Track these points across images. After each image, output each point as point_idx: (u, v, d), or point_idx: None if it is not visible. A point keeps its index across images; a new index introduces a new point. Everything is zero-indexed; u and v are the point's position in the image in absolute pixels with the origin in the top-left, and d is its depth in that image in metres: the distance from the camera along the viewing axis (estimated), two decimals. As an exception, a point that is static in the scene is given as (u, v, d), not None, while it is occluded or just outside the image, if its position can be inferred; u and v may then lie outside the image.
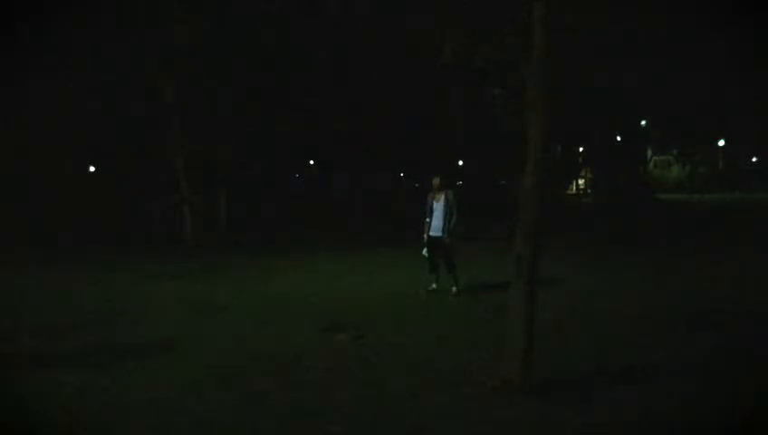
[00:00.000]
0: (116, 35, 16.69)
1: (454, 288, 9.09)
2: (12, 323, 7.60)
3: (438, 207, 9.16)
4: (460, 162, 34.47)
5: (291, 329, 7.15)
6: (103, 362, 5.88)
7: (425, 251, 9.32)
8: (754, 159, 48.11)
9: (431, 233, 9.21)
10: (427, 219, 9.26)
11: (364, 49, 21.03)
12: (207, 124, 19.39)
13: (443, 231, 9.07)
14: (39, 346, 6.48)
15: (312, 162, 33.33)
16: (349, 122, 23.29)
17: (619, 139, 31.54)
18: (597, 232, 18.89)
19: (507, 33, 6.29)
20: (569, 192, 43.03)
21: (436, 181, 9.30)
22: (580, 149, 37.93)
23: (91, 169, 26.94)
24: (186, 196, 18.22)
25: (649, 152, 37.51)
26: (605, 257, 13.36)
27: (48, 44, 16.71)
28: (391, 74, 22.41)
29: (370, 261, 13.19)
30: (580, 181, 46.62)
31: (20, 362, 5.93)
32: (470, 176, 33.92)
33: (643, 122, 32.83)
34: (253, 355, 6.06)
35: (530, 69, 5.24)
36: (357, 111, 23.42)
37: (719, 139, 41.50)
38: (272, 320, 7.68)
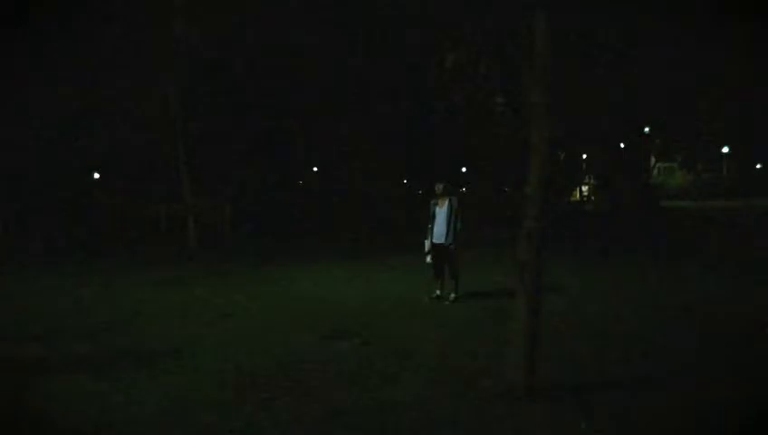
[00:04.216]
0: (118, 36, 16.79)
1: (452, 295, 9.11)
2: (19, 328, 7.67)
3: (441, 213, 9.14)
4: (463, 169, 34.52)
5: (294, 335, 7.19)
6: (113, 369, 5.91)
7: (429, 259, 9.32)
8: (758, 166, 48.02)
9: (434, 240, 9.20)
10: (429, 226, 9.28)
11: (365, 52, 21.09)
12: (211, 131, 19.49)
13: (446, 238, 9.06)
14: (46, 352, 6.54)
15: (314, 169, 33.40)
16: (349, 127, 23.37)
17: (621, 145, 31.54)
18: (598, 238, 18.88)
19: (508, 43, 6.34)
20: (572, 199, 43.03)
21: (438, 188, 9.28)
22: (584, 156, 37.94)
23: (96, 175, 27.06)
24: (189, 203, 18.32)
25: (653, 159, 37.47)
26: (605, 263, 13.38)
27: (51, 48, 16.78)
28: (393, 80, 22.48)
29: (372, 267, 13.21)
30: (583, 188, 46.62)
31: (28, 368, 5.98)
32: (472, 182, 33.98)
33: (646, 129, 32.79)
34: (258, 362, 6.10)
35: (531, 77, 5.28)
36: (358, 116, 23.50)
37: (722, 146, 41.48)
38: (275, 326, 7.71)
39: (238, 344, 6.80)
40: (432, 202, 9.34)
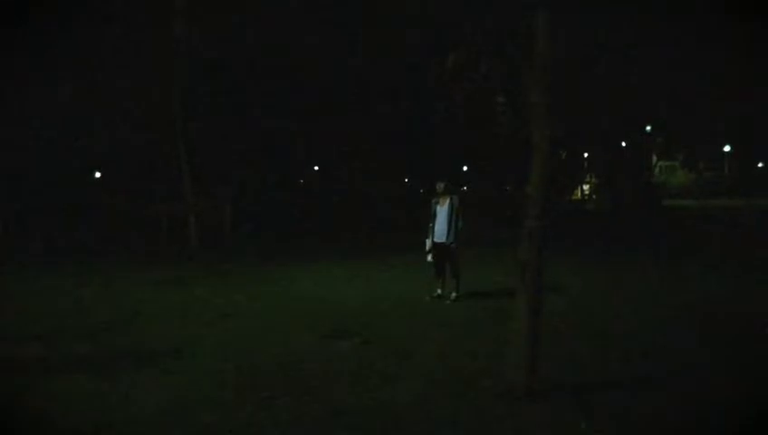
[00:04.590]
0: (118, 36, 16.76)
1: (453, 294, 9.14)
2: (19, 328, 7.64)
3: (442, 212, 9.15)
4: (464, 168, 34.53)
5: (295, 335, 7.18)
6: (113, 369, 5.90)
7: (429, 257, 9.34)
8: (760, 165, 47.93)
9: (435, 239, 9.21)
10: (431, 225, 9.29)
11: (365, 52, 21.02)
12: (211, 131, 19.50)
13: (447, 236, 9.07)
14: (47, 352, 6.52)
15: (315, 168, 33.38)
16: (349, 127, 23.36)
17: (623, 144, 31.53)
18: (599, 237, 18.87)
19: (508, 43, 6.33)
20: (573, 198, 43.01)
21: (439, 187, 9.31)
22: (585, 154, 37.92)
23: (97, 174, 27.05)
24: (190, 203, 18.30)
25: (654, 158, 37.44)
26: (606, 263, 13.37)
27: (51, 48, 16.73)
28: (393, 80, 22.46)
29: (372, 267, 13.21)
30: (585, 187, 46.62)
31: (28, 368, 5.96)
32: (473, 181, 33.99)
33: (648, 128, 32.75)
34: (258, 362, 6.09)
35: (532, 77, 5.27)
36: (358, 116, 23.49)
37: (724, 145, 41.47)
38: (276, 326, 7.70)
39: (238, 344, 6.79)
40: (433, 201, 9.33)
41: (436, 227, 9.17)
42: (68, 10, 15.62)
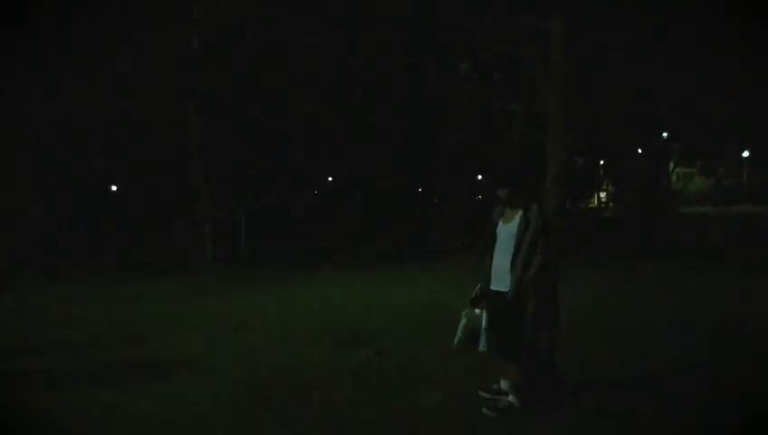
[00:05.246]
0: (131, 42, 16.80)
1: (508, 398, 4.89)
2: (33, 340, 7.59)
3: (506, 235, 4.95)
4: (479, 176, 34.42)
5: (311, 345, 7.10)
6: (128, 380, 5.86)
7: (477, 310, 5.93)
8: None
9: (492, 284, 5.03)
10: (488, 258, 5.09)
11: (378, 52, 20.78)
12: (227, 138, 19.56)
13: (511, 280, 4.83)
14: (63, 364, 6.51)
15: (330, 179, 33.40)
16: (362, 128, 23.27)
17: (639, 151, 31.33)
18: (613, 244, 18.74)
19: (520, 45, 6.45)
20: (590, 205, 42.68)
21: (503, 192, 5.00)
22: (601, 162, 37.66)
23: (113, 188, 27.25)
24: (206, 213, 18.34)
25: (672, 165, 37.09)
26: (619, 269, 13.28)
27: (54, 48, 16.71)
28: (405, 81, 22.29)
29: (387, 278, 13.10)
30: (602, 195, 46.29)
31: (45, 379, 5.93)
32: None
33: (664, 134, 32.51)
34: (274, 372, 6.05)
35: (546, 80, 5.34)
36: (371, 118, 23.38)
37: (743, 150, 40.98)
38: (292, 336, 7.64)
39: (252, 355, 6.74)
40: (494, 213, 5.17)
41: (495, 261, 5.02)
42: (68, 10, 15.53)
